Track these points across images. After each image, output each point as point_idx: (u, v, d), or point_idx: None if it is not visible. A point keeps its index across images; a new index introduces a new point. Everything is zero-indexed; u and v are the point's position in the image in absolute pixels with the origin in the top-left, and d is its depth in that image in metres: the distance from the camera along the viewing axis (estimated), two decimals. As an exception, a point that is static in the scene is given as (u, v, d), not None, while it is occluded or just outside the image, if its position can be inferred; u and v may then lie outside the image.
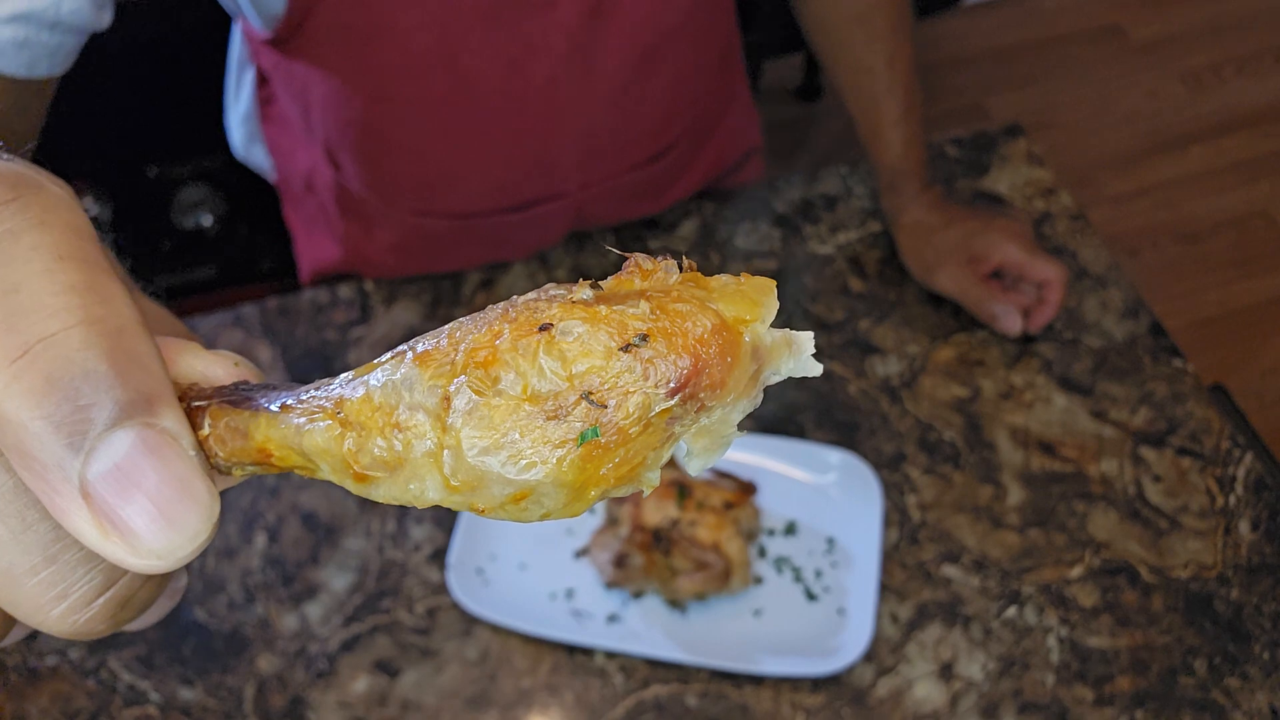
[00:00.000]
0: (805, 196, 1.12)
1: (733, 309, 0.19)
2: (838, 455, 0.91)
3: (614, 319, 0.18)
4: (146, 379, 0.18)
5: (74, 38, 0.65)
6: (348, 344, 1.00)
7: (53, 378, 0.17)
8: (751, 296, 0.20)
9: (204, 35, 1.13)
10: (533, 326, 0.18)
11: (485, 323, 0.19)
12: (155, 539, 0.18)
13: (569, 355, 0.18)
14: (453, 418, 0.18)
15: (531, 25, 0.85)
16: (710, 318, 0.19)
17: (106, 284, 0.18)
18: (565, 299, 0.19)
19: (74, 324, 0.17)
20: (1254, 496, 0.92)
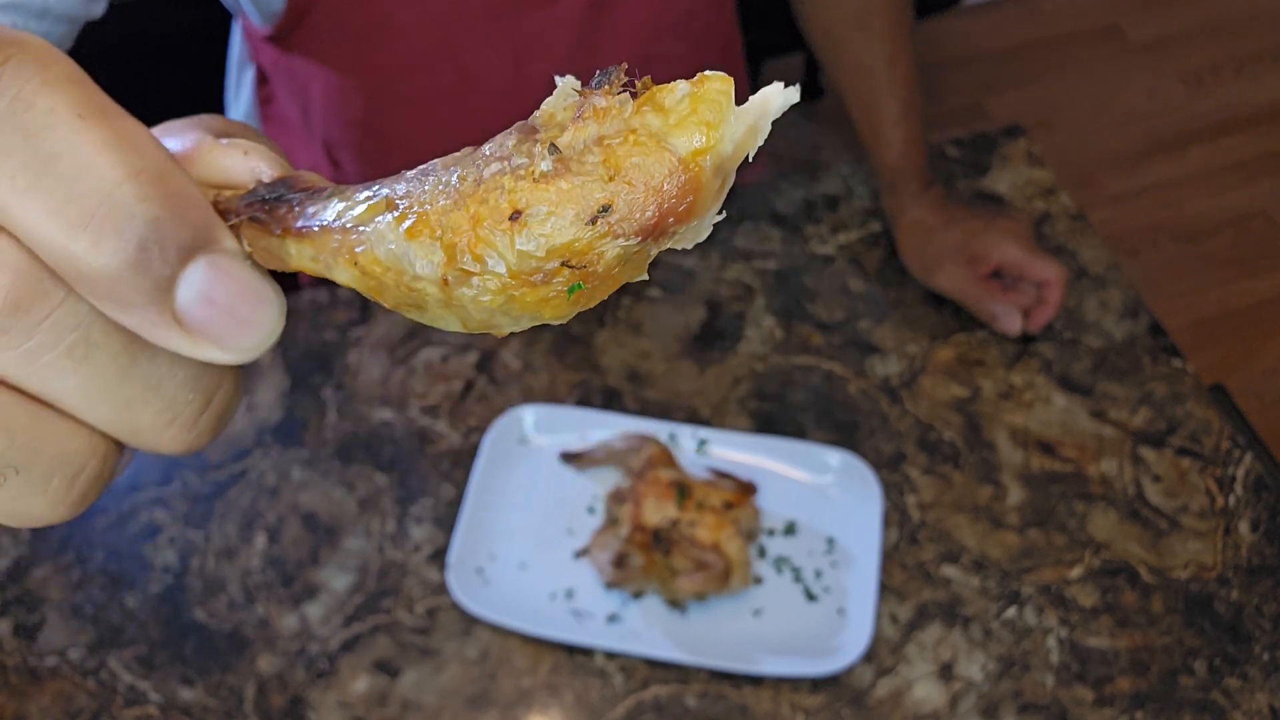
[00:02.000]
0: (806, 196, 1.12)
1: (688, 138, 0.20)
2: (837, 455, 0.91)
3: (576, 194, 0.20)
4: (199, 213, 0.20)
5: (64, 27, 0.65)
6: (347, 344, 1.00)
7: (123, 233, 0.19)
8: (706, 117, 0.20)
9: (204, 34, 1.13)
10: (504, 215, 0.20)
11: (455, 193, 0.20)
12: (241, 339, 0.20)
13: (542, 236, 0.20)
14: (454, 290, 0.20)
15: (533, 22, 0.85)
16: (666, 164, 0.20)
17: (130, 129, 0.19)
18: (527, 171, 0.20)
19: (123, 179, 0.19)
20: (1254, 497, 0.92)
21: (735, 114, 0.20)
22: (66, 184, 0.18)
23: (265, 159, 0.23)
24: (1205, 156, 2.33)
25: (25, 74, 0.19)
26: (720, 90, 0.20)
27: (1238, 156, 2.33)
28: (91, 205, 0.19)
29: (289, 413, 0.96)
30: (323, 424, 0.95)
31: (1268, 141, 2.35)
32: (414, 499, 0.91)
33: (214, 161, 0.23)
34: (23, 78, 0.19)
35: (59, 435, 0.21)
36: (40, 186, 0.18)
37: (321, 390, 0.97)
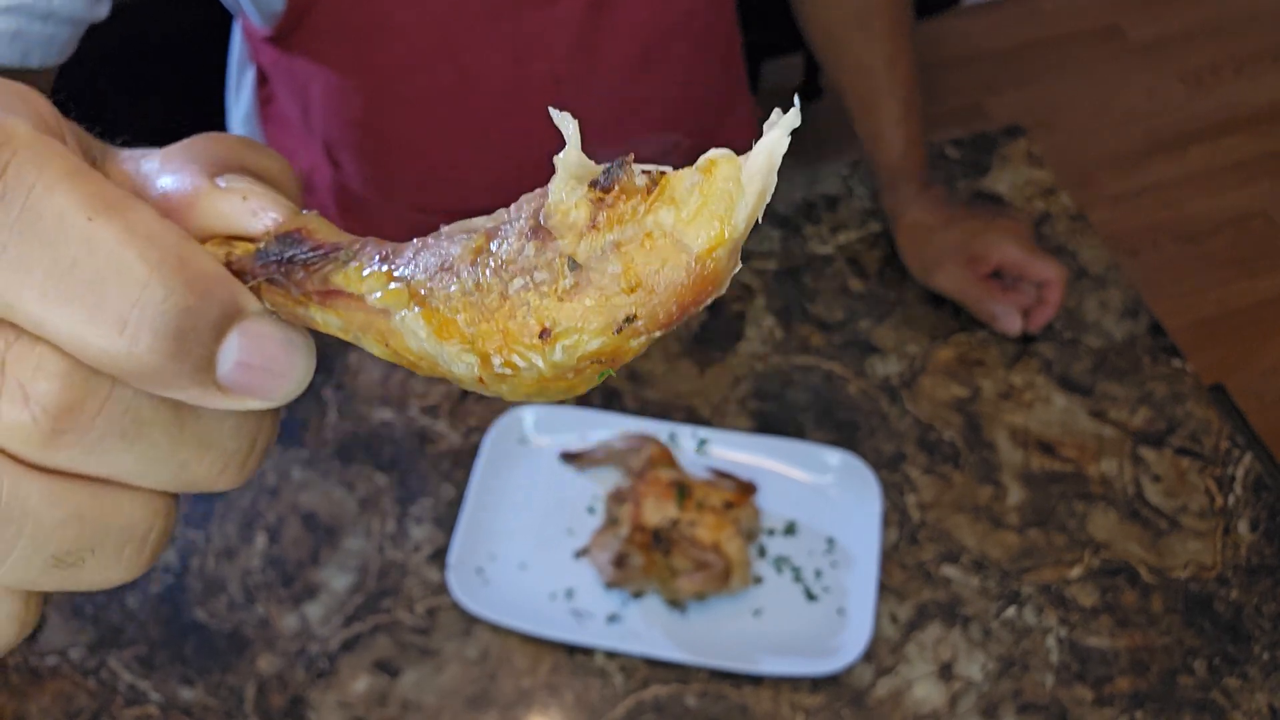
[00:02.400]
0: (805, 196, 1.12)
1: (703, 234, 0.20)
2: (837, 455, 0.91)
3: (601, 309, 0.20)
4: (223, 288, 0.21)
5: (68, 29, 0.65)
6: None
7: (158, 329, 0.19)
8: (718, 210, 0.20)
9: (204, 35, 1.13)
10: (533, 333, 0.21)
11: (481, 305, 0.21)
12: (281, 388, 0.22)
13: (571, 348, 0.21)
14: (490, 385, 0.21)
15: (533, 22, 0.85)
16: (684, 267, 0.20)
17: (139, 219, 0.20)
18: (551, 289, 0.21)
19: (148, 277, 0.19)
20: (1253, 497, 0.92)
21: (745, 191, 0.21)
22: (93, 291, 0.19)
23: (266, 201, 0.23)
24: (1205, 156, 2.33)
25: (26, 179, 0.19)
26: (729, 177, 0.21)
27: (1238, 156, 2.33)
28: (123, 308, 0.19)
29: (289, 413, 0.96)
30: (323, 424, 0.96)
31: (1268, 141, 2.35)
32: (414, 499, 0.91)
33: (214, 209, 0.22)
34: (26, 184, 0.19)
35: (124, 508, 0.22)
36: (68, 297, 0.19)
37: (322, 390, 0.97)
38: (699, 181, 0.21)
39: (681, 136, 1.03)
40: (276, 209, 0.23)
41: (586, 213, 0.21)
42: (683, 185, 0.21)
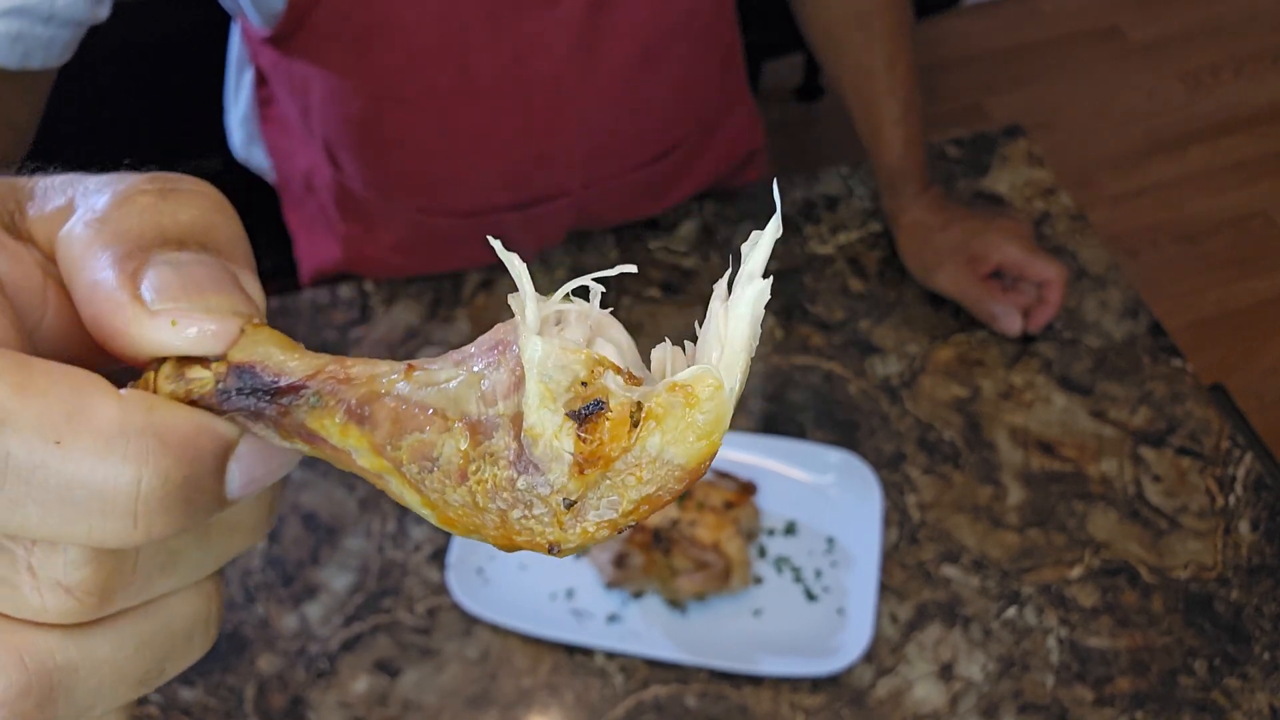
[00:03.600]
0: (805, 196, 1.12)
1: (691, 453, 0.21)
2: (837, 455, 0.91)
3: (602, 527, 0.21)
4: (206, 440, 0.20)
5: (70, 31, 0.65)
6: (347, 344, 1.00)
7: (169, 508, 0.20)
8: (708, 432, 0.21)
9: (204, 35, 1.13)
10: (542, 547, 0.21)
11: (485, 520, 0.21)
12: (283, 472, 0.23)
13: (581, 547, 0.21)
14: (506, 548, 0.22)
15: (533, 23, 0.85)
16: (675, 483, 0.21)
17: (94, 410, 0.19)
18: (552, 519, 0.21)
19: (137, 475, 0.19)
20: (1254, 496, 0.92)
21: (729, 400, 0.21)
22: (95, 506, 0.19)
23: (195, 317, 0.21)
24: (1205, 156, 2.33)
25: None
26: (712, 399, 0.21)
27: (1238, 156, 2.33)
28: (128, 508, 0.19)
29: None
30: (323, 424, 0.95)
31: (1268, 141, 2.35)
32: (414, 499, 0.91)
33: (148, 339, 0.21)
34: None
35: (182, 611, 0.23)
36: (76, 518, 0.19)
37: (322, 390, 0.97)
38: (681, 406, 0.20)
39: (682, 138, 1.03)
40: (207, 318, 0.21)
41: (573, 445, 0.20)
42: (669, 415, 0.21)
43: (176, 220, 0.22)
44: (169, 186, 0.23)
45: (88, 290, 0.21)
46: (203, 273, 0.21)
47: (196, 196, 0.23)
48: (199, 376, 0.21)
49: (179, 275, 0.21)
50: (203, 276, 0.21)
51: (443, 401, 0.21)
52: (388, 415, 0.21)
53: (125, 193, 0.22)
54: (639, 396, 0.20)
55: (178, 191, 0.23)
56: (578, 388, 0.20)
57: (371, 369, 0.22)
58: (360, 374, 0.22)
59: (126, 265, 0.21)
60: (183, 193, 0.23)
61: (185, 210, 0.22)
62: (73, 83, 0.69)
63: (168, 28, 1.32)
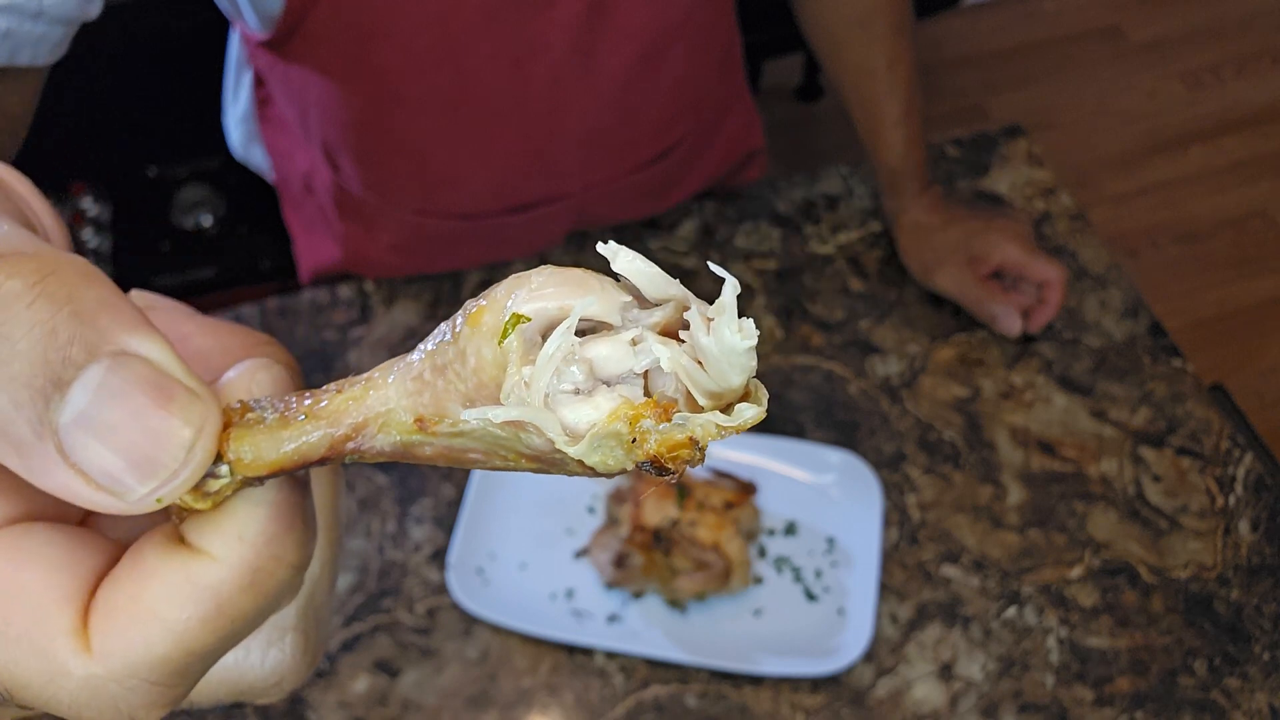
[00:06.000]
0: (806, 196, 1.12)
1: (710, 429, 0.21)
2: (838, 455, 0.91)
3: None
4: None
5: (60, 29, 0.65)
6: (347, 344, 1.00)
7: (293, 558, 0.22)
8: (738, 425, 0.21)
9: (203, 36, 1.13)
10: None
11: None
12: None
13: None
14: None
15: (532, 24, 0.85)
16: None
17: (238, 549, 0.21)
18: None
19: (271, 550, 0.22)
20: (1254, 497, 0.92)
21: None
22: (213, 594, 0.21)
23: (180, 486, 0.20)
24: (1205, 156, 2.33)
25: None
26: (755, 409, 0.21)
27: (1238, 156, 2.33)
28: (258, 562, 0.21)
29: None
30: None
31: (1268, 141, 2.35)
32: (414, 499, 0.91)
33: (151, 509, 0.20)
34: None
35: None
36: None
37: (321, 390, 0.97)
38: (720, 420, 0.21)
39: (682, 139, 1.03)
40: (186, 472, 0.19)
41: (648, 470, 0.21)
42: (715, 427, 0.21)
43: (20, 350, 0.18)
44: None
45: (42, 486, 0.18)
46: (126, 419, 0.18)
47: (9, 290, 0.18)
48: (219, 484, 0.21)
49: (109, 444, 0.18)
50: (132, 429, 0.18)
51: (486, 445, 0.21)
52: (432, 454, 0.22)
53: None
54: (680, 431, 0.20)
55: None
56: (627, 445, 0.20)
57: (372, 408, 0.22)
58: (369, 420, 0.22)
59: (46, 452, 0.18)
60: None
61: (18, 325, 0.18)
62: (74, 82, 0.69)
63: (167, 28, 1.32)
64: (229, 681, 0.24)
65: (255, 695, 0.25)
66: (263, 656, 0.25)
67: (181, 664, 0.20)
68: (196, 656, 0.20)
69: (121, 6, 0.70)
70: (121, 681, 0.19)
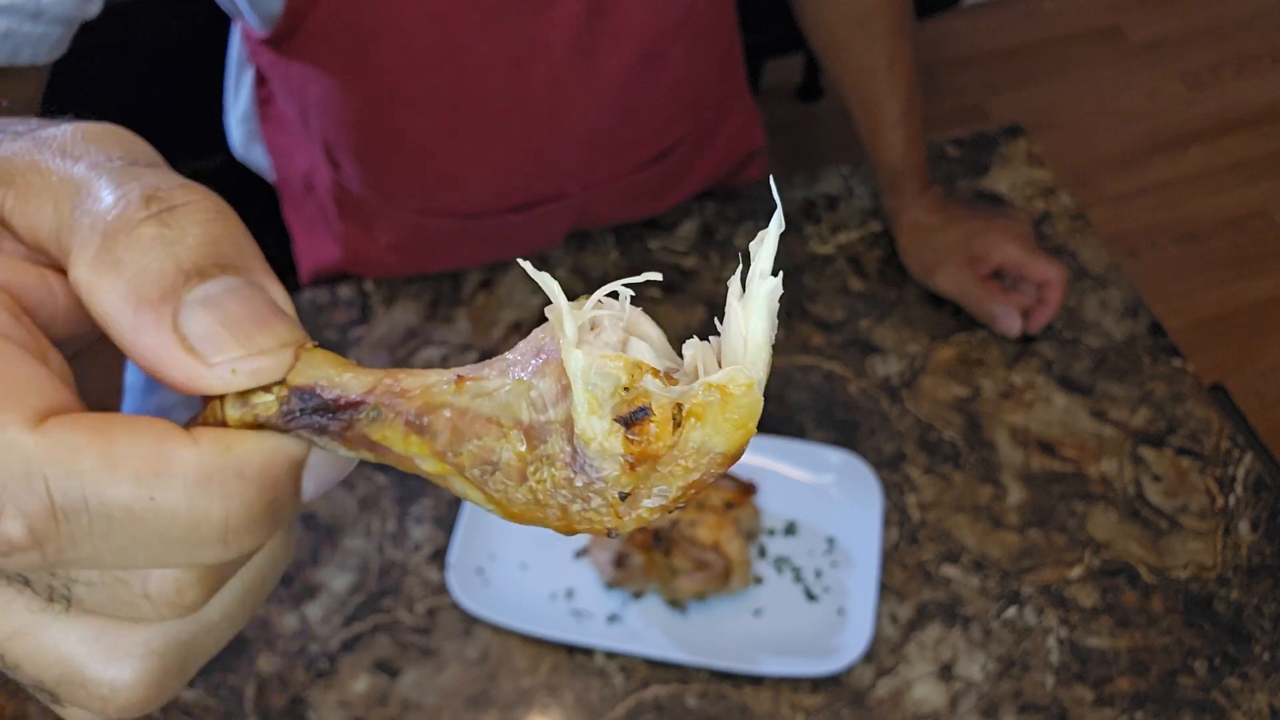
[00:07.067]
0: (806, 196, 1.12)
1: (729, 441, 0.22)
2: (838, 455, 0.91)
3: (654, 511, 0.23)
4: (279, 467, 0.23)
5: (60, 28, 0.65)
6: (348, 344, 1.00)
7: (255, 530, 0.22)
8: (738, 421, 0.22)
9: (204, 35, 1.13)
10: (602, 530, 0.23)
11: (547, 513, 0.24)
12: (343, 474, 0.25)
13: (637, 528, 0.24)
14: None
15: (532, 24, 0.85)
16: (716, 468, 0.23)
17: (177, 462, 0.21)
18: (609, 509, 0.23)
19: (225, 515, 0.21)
20: (1254, 497, 0.92)
21: (759, 393, 0.22)
22: (191, 543, 0.21)
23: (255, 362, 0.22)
24: (1205, 156, 2.34)
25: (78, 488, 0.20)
26: (745, 394, 0.22)
27: (1238, 156, 2.33)
28: (220, 537, 0.21)
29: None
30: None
31: (1268, 141, 2.35)
32: (414, 499, 0.91)
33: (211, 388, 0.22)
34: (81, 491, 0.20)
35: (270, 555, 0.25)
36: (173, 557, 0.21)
37: (322, 390, 0.97)
38: (719, 402, 0.22)
39: (682, 138, 1.03)
40: (263, 357, 0.22)
41: (622, 446, 0.22)
42: (708, 412, 0.22)
43: (187, 245, 0.22)
44: (165, 206, 0.22)
45: (132, 344, 0.22)
46: (241, 310, 0.22)
47: (195, 209, 0.23)
48: (263, 401, 0.23)
49: (220, 318, 0.22)
50: (243, 315, 0.22)
51: (496, 410, 0.23)
52: (446, 425, 0.23)
53: (125, 223, 0.22)
54: (678, 397, 0.22)
55: (175, 210, 0.22)
56: (620, 393, 0.22)
57: (423, 380, 0.24)
58: (413, 386, 0.24)
59: (163, 314, 0.21)
60: (181, 208, 0.22)
61: (191, 231, 0.22)
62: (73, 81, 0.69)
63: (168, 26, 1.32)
64: (64, 663, 0.23)
65: (75, 695, 0.23)
66: (109, 661, 0.23)
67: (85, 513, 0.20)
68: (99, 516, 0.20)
69: (122, 6, 0.70)
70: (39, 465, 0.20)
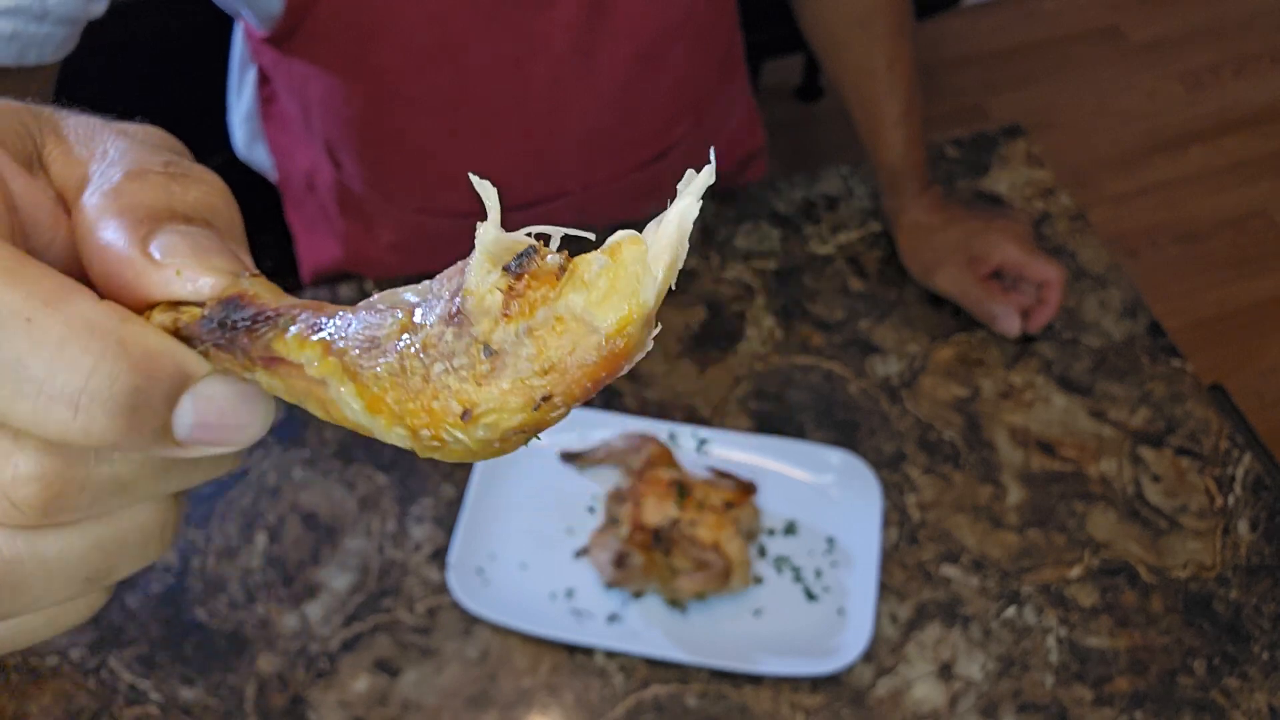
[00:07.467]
0: (805, 196, 1.12)
1: (612, 316, 0.21)
2: (838, 455, 0.91)
3: (517, 391, 0.22)
4: (168, 361, 0.22)
5: (66, 28, 0.65)
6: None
7: (110, 410, 0.21)
8: (625, 289, 0.21)
9: (207, 34, 1.13)
10: (456, 414, 0.22)
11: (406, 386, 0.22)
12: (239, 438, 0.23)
13: (493, 425, 0.22)
14: (424, 452, 0.23)
15: (533, 24, 0.85)
16: (594, 346, 0.21)
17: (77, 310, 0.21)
18: (470, 374, 0.22)
19: (91, 368, 0.21)
20: (1253, 497, 0.92)
21: (652, 270, 0.21)
22: (45, 386, 0.20)
23: (199, 270, 0.23)
24: (1205, 156, 2.34)
25: None
26: (636, 260, 0.21)
27: (1238, 156, 2.33)
28: (73, 395, 0.20)
29: (289, 412, 0.96)
30: (323, 424, 0.96)
31: (1268, 141, 2.36)
32: (414, 499, 0.91)
33: (152, 285, 0.23)
34: None
35: (136, 522, 0.24)
36: (23, 394, 0.20)
37: (322, 390, 0.97)
38: (606, 265, 0.21)
39: (682, 137, 1.03)
40: (210, 274, 0.23)
41: (500, 299, 0.22)
42: (592, 269, 0.21)
43: (184, 199, 0.24)
44: (179, 170, 0.25)
45: (99, 250, 0.23)
46: (207, 242, 0.24)
47: (203, 183, 0.25)
48: (189, 311, 0.23)
49: (185, 240, 0.23)
50: (207, 244, 0.24)
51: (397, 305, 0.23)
52: (343, 317, 0.23)
53: (139, 170, 0.24)
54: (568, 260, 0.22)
55: (187, 176, 0.25)
56: (517, 246, 0.22)
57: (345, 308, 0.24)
58: (333, 310, 0.23)
59: (138, 230, 0.23)
60: (191, 177, 0.25)
61: (192, 191, 0.24)
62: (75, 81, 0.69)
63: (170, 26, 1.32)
64: None
65: None
66: None
67: None
68: None
69: (123, 7, 0.71)
70: None
